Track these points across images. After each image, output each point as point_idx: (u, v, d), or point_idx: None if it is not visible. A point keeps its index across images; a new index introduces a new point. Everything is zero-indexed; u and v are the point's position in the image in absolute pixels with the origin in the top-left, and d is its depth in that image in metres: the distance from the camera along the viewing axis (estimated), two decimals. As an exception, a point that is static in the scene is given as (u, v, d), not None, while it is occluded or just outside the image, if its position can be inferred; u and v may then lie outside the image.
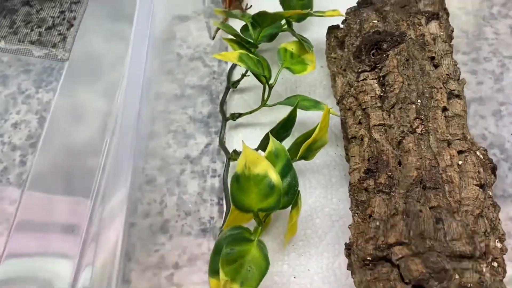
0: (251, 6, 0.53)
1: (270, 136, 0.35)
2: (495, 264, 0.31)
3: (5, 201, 0.47)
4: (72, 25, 0.58)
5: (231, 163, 0.44)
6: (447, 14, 0.42)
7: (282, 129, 0.39)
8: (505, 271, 0.32)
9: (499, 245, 0.32)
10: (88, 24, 0.55)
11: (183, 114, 0.49)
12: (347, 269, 0.34)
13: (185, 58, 0.52)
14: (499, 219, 0.34)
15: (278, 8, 0.50)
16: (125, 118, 0.46)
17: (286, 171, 0.35)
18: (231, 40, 0.42)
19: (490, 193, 0.34)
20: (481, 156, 0.35)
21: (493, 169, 0.35)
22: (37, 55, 0.53)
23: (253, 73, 0.39)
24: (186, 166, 0.46)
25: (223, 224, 0.41)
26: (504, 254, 0.32)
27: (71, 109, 0.49)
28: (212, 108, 0.49)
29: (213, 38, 0.50)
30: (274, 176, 0.32)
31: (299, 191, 0.36)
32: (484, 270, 0.30)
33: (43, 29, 0.58)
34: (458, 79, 0.38)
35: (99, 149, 0.47)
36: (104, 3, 0.57)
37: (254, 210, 0.33)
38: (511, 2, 0.51)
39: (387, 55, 0.36)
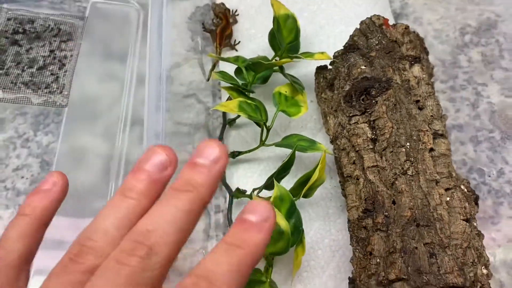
0: (239, 42, 0.56)
1: (275, 182, 0.38)
2: (483, 290, 0.35)
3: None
4: (64, 64, 0.59)
5: (234, 200, 0.46)
6: (427, 53, 0.45)
7: (282, 170, 0.42)
8: (491, 296, 0.35)
9: (485, 271, 0.36)
10: (82, 65, 0.57)
11: (183, 152, 0.51)
12: (352, 301, 0.37)
13: (179, 96, 0.55)
14: (483, 246, 0.38)
15: (265, 44, 0.53)
16: (128, 162, 0.49)
17: (291, 212, 0.38)
18: (229, 88, 0.44)
19: (475, 224, 0.38)
20: (465, 190, 0.39)
21: (476, 200, 0.39)
22: (36, 102, 0.54)
23: (251, 120, 0.42)
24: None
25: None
26: (490, 279, 0.36)
27: (74, 154, 0.51)
28: (210, 145, 0.51)
29: (208, 80, 0.52)
30: (282, 223, 0.35)
31: (303, 229, 0.39)
32: (474, 298, 0.34)
33: (35, 69, 0.59)
34: (441, 117, 0.41)
35: (103, 191, 0.49)
36: (95, 43, 0.58)
37: (266, 254, 0.36)
38: (481, 30, 0.55)
39: (376, 101, 0.39)
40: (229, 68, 0.51)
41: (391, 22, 0.46)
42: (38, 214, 0.28)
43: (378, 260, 0.35)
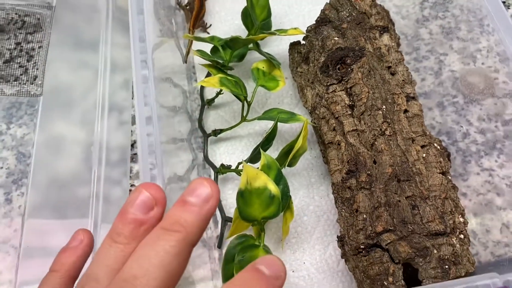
0: (211, 25, 0.57)
1: (261, 151, 0.40)
2: (462, 236, 0.37)
3: (-3, 240, 0.47)
4: (32, 56, 0.58)
5: (219, 176, 0.47)
6: (393, 24, 0.48)
7: (266, 141, 0.43)
8: (469, 240, 0.38)
9: (461, 219, 0.39)
10: (54, 54, 0.56)
11: (161, 135, 0.52)
12: (341, 257, 0.39)
13: (155, 80, 0.55)
14: (458, 198, 0.41)
15: (236, 25, 0.54)
16: (109, 147, 0.49)
17: (279, 179, 0.40)
18: (209, 65, 0.45)
19: (450, 177, 0.41)
20: (438, 147, 0.41)
21: (448, 156, 0.42)
22: (9, 93, 0.53)
23: (233, 94, 0.43)
24: (175, 185, 0.49)
25: (220, 233, 0.45)
26: (467, 225, 0.39)
27: (52, 143, 0.50)
28: (190, 126, 0.52)
29: (185, 61, 0.53)
30: (272, 187, 0.37)
31: (290, 196, 0.41)
32: (455, 242, 0.36)
33: (1, 63, 0.58)
34: (411, 82, 0.44)
35: (86, 178, 0.49)
36: (65, 32, 0.57)
37: (258, 219, 0.37)
38: (439, 4, 0.58)
39: (352, 69, 0.41)
40: (204, 49, 0.52)
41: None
42: (66, 269, 0.30)
43: (364, 216, 0.37)
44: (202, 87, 0.53)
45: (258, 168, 0.40)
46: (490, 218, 0.46)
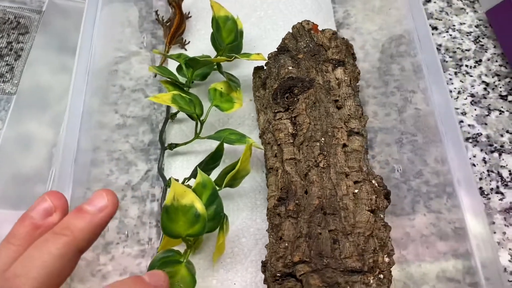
0: (189, 42, 0.59)
1: (198, 169, 0.41)
2: (381, 276, 0.37)
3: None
4: (19, 56, 0.61)
5: (168, 189, 0.48)
6: (354, 58, 0.49)
7: (211, 160, 0.44)
8: (390, 282, 0.38)
9: (387, 259, 0.39)
10: (35, 56, 0.59)
11: (125, 143, 0.53)
12: (264, 283, 0.40)
13: (127, 90, 0.57)
14: (389, 237, 0.41)
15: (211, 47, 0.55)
16: (65, 148, 0.50)
17: (213, 199, 0.41)
18: (166, 81, 0.47)
19: (382, 215, 0.41)
20: (376, 184, 0.42)
21: (387, 195, 0.42)
22: (-15, 89, 0.56)
23: (183, 111, 0.45)
24: (127, 192, 0.50)
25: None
26: (392, 267, 0.39)
27: (19, 140, 0.53)
28: (153, 137, 0.53)
29: (155, 76, 0.55)
30: (199, 206, 0.38)
31: (226, 215, 0.42)
32: (371, 281, 0.36)
33: (-9, 59, 0.61)
34: (360, 117, 0.44)
35: (46, 177, 0.51)
36: (51, 36, 0.60)
37: (182, 235, 0.38)
38: (414, 43, 0.58)
39: (298, 99, 0.42)
40: (175, 66, 0.54)
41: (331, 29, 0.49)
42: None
43: (286, 244, 0.38)
44: (169, 102, 0.54)
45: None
46: (429, 262, 0.45)
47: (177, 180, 0.48)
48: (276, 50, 0.48)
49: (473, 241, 0.42)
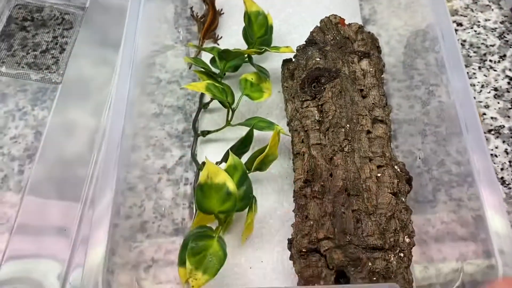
0: (221, 37, 0.62)
1: (230, 152, 0.44)
2: (402, 254, 0.40)
3: (5, 205, 0.54)
4: (64, 49, 0.66)
5: (201, 172, 0.52)
6: (379, 51, 0.51)
7: (241, 145, 0.47)
8: (410, 260, 0.40)
9: (407, 240, 0.41)
10: (79, 49, 0.63)
11: (161, 130, 0.57)
12: (290, 259, 0.43)
13: (163, 82, 0.61)
14: (411, 220, 0.43)
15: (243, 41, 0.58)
16: (111, 134, 0.54)
17: (243, 180, 0.44)
18: (200, 71, 0.50)
19: (403, 199, 0.43)
20: (398, 170, 0.44)
21: (408, 180, 0.44)
22: (34, 78, 0.60)
23: (216, 99, 0.48)
24: (162, 175, 0.54)
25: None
26: (412, 247, 0.41)
27: (64, 126, 0.57)
28: (186, 125, 0.57)
29: (190, 68, 0.58)
30: (230, 184, 0.41)
31: (254, 196, 0.45)
32: (391, 258, 0.39)
33: (38, 52, 0.66)
34: (384, 106, 0.47)
35: (88, 160, 0.55)
36: (93, 31, 0.65)
37: (215, 212, 0.41)
38: (437, 38, 0.60)
39: (324, 88, 0.45)
40: (209, 58, 0.57)
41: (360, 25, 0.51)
42: None
43: (311, 222, 0.40)
44: (202, 92, 0.57)
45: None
46: (449, 246, 0.47)
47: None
48: (305, 43, 0.50)
49: (491, 229, 0.44)
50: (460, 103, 0.46)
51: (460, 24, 0.63)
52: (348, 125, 0.43)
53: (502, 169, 0.53)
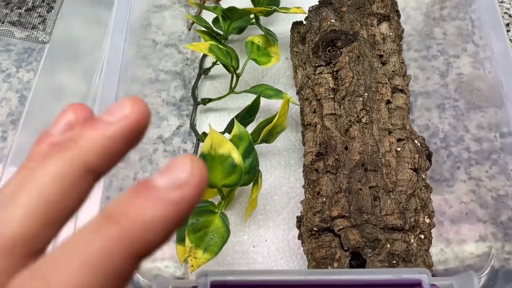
0: (224, -3, 0.57)
1: (235, 120, 0.40)
2: (422, 236, 0.36)
3: (-14, 174, 0.50)
4: (52, 8, 0.61)
5: (200, 144, 0.48)
6: (399, 16, 0.47)
7: (247, 115, 0.43)
8: (430, 242, 0.37)
9: (427, 220, 0.38)
10: (68, 7, 0.58)
11: (157, 98, 0.53)
12: (298, 239, 0.39)
13: (160, 45, 0.56)
14: (431, 199, 0.39)
15: (249, 3, 0.54)
16: (102, 100, 0.50)
17: (248, 152, 0.40)
18: (202, 31, 0.45)
19: (424, 176, 0.39)
20: (418, 144, 0.40)
21: (429, 156, 0.41)
22: (19, 36, 0.55)
23: (221, 63, 0.43)
24: (158, 146, 0.49)
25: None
26: (432, 228, 0.38)
27: (51, 90, 0.52)
28: (185, 93, 0.52)
29: (190, 29, 0.53)
30: (236, 156, 0.37)
31: (259, 170, 0.41)
32: (412, 240, 0.35)
33: (23, 10, 0.60)
34: (404, 75, 0.43)
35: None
36: (84, -12, 0.59)
37: (218, 185, 0.38)
38: (461, 5, 0.56)
39: (341, 52, 0.40)
40: (211, 19, 0.52)
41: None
42: None
43: (324, 199, 0.37)
44: (203, 57, 0.53)
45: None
46: (468, 228, 0.44)
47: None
48: (318, 3, 0.46)
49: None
50: (502, 68, 0.42)
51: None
52: (366, 94, 0.39)
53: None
